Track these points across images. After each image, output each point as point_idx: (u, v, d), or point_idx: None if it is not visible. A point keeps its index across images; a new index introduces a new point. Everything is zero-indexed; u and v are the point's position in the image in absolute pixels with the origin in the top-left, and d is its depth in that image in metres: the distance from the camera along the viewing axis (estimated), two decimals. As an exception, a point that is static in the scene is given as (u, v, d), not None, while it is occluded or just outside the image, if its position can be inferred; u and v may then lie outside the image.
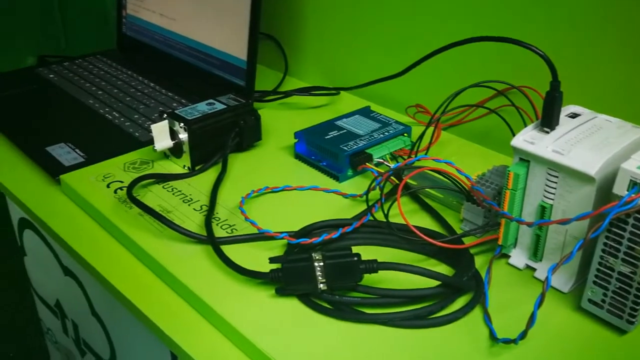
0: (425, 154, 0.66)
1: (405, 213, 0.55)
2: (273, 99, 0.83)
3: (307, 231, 0.55)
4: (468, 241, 0.53)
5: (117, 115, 0.79)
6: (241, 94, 0.72)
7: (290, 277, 0.48)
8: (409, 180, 0.63)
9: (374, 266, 0.47)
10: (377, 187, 0.58)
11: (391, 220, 0.53)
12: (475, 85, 0.64)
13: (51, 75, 0.91)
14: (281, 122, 0.77)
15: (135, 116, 0.78)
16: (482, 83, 0.64)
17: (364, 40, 0.83)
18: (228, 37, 0.81)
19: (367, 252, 0.49)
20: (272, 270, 0.48)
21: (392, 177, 0.62)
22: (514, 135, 0.64)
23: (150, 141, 0.68)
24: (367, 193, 0.59)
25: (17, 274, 0.99)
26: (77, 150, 0.70)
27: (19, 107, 0.81)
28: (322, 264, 0.47)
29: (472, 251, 0.52)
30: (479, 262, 0.52)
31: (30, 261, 0.91)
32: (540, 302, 0.41)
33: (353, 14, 0.83)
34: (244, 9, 0.77)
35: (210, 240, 0.54)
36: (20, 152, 0.72)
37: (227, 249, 0.54)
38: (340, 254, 0.47)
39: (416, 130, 0.70)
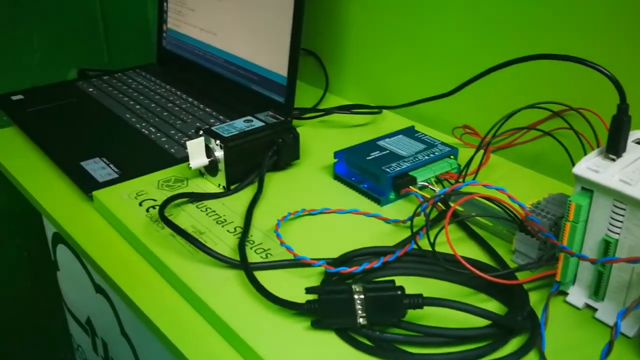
0: (474, 178, 0.62)
1: (451, 241, 0.51)
2: (313, 117, 0.80)
3: (347, 259, 0.51)
4: (522, 276, 0.49)
5: (153, 130, 0.77)
6: (280, 110, 0.69)
7: (327, 309, 0.44)
8: (459, 208, 0.59)
9: (419, 301, 0.43)
10: (422, 213, 0.54)
11: (437, 249, 0.50)
12: (530, 106, 0.59)
13: (90, 89, 0.90)
14: (320, 141, 0.75)
15: (172, 132, 0.77)
16: (537, 104, 0.60)
17: (409, 57, 0.80)
18: (269, 53, 0.79)
19: (410, 284, 0.46)
20: (308, 302, 0.45)
21: (438, 203, 0.58)
22: (571, 160, 0.61)
23: (186, 158, 0.66)
24: (411, 219, 0.55)
25: (50, 287, 0.98)
26: (111, 165, 0.69)
27: (55, 121, 0.81)
28: (362, 296, 0.43)
29: (526, 287, 0.48)
30: (534, 299, 0.47)
31: (63, 276, 0.89)
32: (607, 351, 0.37)
33: (398, 29, 0.80)
34: (286, 24, 0.75)
35: (243, 266, 0.51)
36: (55, 166, 0.71)
37: (260, 275, 0.51)
38: (383, 286, 0.44)
39: (463, 153, 0.66)
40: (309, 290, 0.46)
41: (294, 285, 0.50)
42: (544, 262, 0.49)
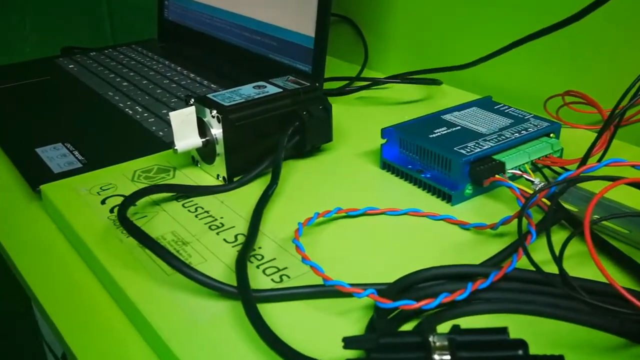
0: (599, 161, 0.41)
1: (569, 259, 0.31)
2: (350, 91, 0.61)
3: (408, 285, 0.32)
4: None
5: (140, 109, 0.59)
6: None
7: (383, 379, 0.25)
8: (567, 206, 0.39)
9: (560, 370, 0.23)
10: (525, 214, 0.34)
11: (546, 269, 0.29)
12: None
13: (71, 66, 0.73)
14: (360, 121, 0.55)
15: (164, 111, 0.58)
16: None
17: (470, 20, 0.60)
18: (290, 9, 0.60)
19: (518, 330, 0.26)
20: (348, 363, 0.26)
21: (542, 200, 0.38)
22: None
23: (175, 141, 0.47)
24: (506, 221, 0.35)
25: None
26: (75, 152, 0.51)
27: (18, 101, 0.63)
28: (448, 358, 0.24)
29: None
30: None
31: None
32: None
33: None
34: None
35: (242, 295, 0.31)
36: (4, 154, 0.53)
37: (271, 311, 0.31)
38: (485, 340, 0.24)
39: (565, 134, 0.46)
40: (349, 343, 0.26)
41: (324, 329, 0.30)
42: None
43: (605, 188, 0.30)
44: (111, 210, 0.42)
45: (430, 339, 0.24)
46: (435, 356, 0.24)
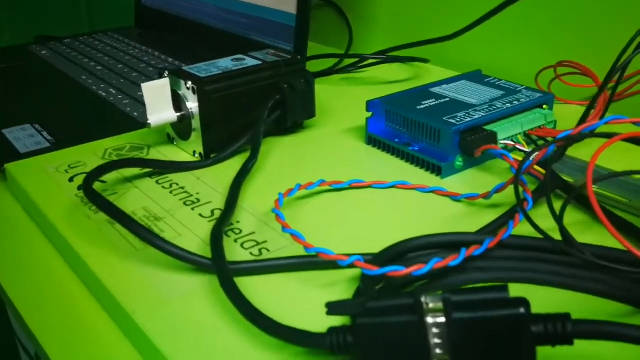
0: (602, 118, 0.38)
1: (570, 229, 0.29)
2: (335, 71, 0.59)
3: (399, 253, 0.29)
4: None
5: (114, 92, 0.56)
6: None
7: (371, 346, 0.22)
8: (564, 177, 0.37)
9: (567, 329, 0.20)
10: (519, 181, 0.32)
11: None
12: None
13: (44, 52, 0.70)
14: (345, 100, 0.53)
15: (139, 93, 0.56)
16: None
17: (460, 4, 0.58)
18: (271, -13, 0.58)
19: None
20: (333, 331, 0.23)
21: (535, 167, 0.36)
22: None
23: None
24: (500, 188, 0.33)
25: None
26: (44, 133, 0.48)
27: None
28: (442, 320, 0.21)
29: None
30: None
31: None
32: None
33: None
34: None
35: (217, 267, 0.29)
36: (-31, 137, 0.50)
37: (248, 285, 0.29)
38: (483, 298, 0.21)
39: (558, 110, 0.45)
40: (333, 309, 0.24)
41: (306, 302, 0.28)
42: None
43: (603, 145, 0.28)
44: (79, 188, 0.39)
45: (423, 299, 0.22)
46: (429, 319, 0.21)
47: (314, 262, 0.30)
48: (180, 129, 0.43)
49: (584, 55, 0.47)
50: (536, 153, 0.31)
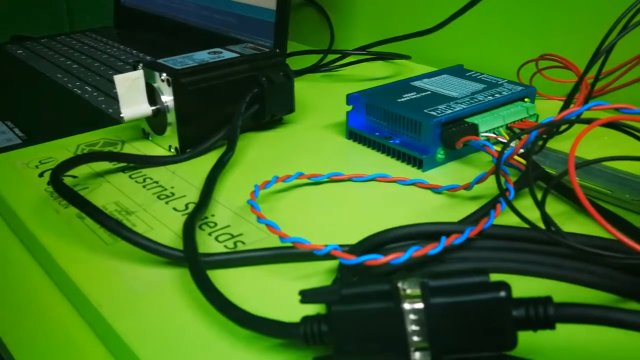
0: (585, 103, 0.38)
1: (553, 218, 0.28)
2: (316, 69, 0.58)
3: (376, 244, 0.28)
4: None
5: (89, 89, 0.55)
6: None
7: (346, 333, 0.21)
8: (547, 169, 0.36)
9: (548, 312, 0.20)
10: (500, 171, 0.32)
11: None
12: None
13: (20, 51, 0.69)
14: (325, 96, 0.52)
15: (115, 90, 0.54)
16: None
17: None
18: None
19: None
20: (307, 320, 0.22)
21: (516, 158, 0.35)
22: None
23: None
24: (480, 179, 0.32)
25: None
26: (15, 129, 0.47)
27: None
28: (420, 306, 0.20)
29: None
30: None
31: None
32: None
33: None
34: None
35: (188, 258, 0.28)
36: (-62, 134, 0.49)
37: (222, 278, 0.28)
38: (462, 282, 0.21)
39: (540, 106, 0.44)
40: (307, 297, 0.22)
41: (281, 297, 0.27)
42: None
43: (583, 130, 0.27)
44: (49, 183, 0.38)
45: (400, 285, 0.21)
46: (406, 305, 0.20)
47: (289, 253, 0.29)
48: (156, 124, 0.42)
49: (566, 49, 0.47)
50: (516, 140, 0.30)
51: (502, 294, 0.20)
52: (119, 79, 0.39)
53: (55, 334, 0.28)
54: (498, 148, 0.37)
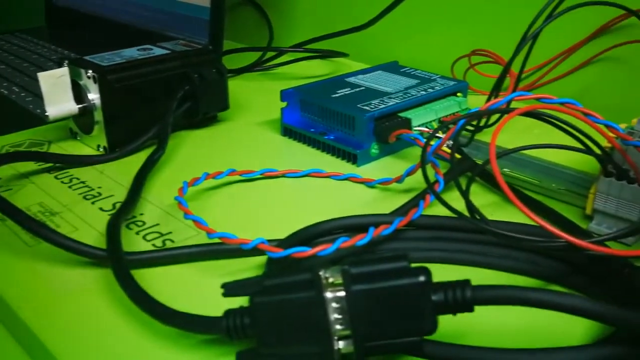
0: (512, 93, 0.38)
1: (481, 209, 0.29)
2: (253, 67, 0.58)
3: (306, 238, 0.28)
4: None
5: (16, 90, 0.53)
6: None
7: (268, 325, 0.21)
8: (478, 161, 0.37)
9: (466, 295, 0.20)
10: (430, 162, 0.32)
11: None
12: (580, 5, 0.38)
13: (-58, 53, 0.66)
14: (261, 94, 0.51)
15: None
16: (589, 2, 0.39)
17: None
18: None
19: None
20: (229, 313, 0.22)
21: (445, 150, 0.35)
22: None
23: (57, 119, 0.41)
24: (411, 172, 0.32)
25: None
26: None
27: None
28: (342, 294, 0.20)
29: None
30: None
31: None
32: None
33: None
34: None
35: (111, 257, 0.27)
36: None
37: (148, 277, 0.27)
38: (382, 268, 0.20)
39: (473, 101, 0.45)
40: (229, 290, 0.22)
41: (209, 294, 0.26)
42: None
43: (503, 120, 0.28)
44: (-32, 185, 0.36)
45: (322, 273, 0.20)
46: (328, 294, 0.20)
47: (217, 249, 0.28)
48: (83, 123, 0.41)
49: (498, 44, 0.48)
50: (445, 127, 0.31)
51: (422, 278, 0.20)
52: (43, 76, 0.38)
53: (-31, 341, 0.27)
54: (432, 142, 0.37)
